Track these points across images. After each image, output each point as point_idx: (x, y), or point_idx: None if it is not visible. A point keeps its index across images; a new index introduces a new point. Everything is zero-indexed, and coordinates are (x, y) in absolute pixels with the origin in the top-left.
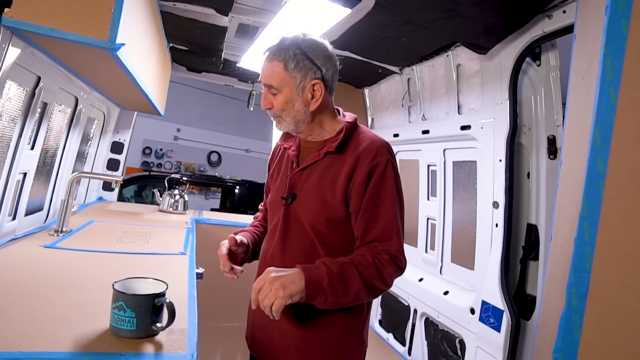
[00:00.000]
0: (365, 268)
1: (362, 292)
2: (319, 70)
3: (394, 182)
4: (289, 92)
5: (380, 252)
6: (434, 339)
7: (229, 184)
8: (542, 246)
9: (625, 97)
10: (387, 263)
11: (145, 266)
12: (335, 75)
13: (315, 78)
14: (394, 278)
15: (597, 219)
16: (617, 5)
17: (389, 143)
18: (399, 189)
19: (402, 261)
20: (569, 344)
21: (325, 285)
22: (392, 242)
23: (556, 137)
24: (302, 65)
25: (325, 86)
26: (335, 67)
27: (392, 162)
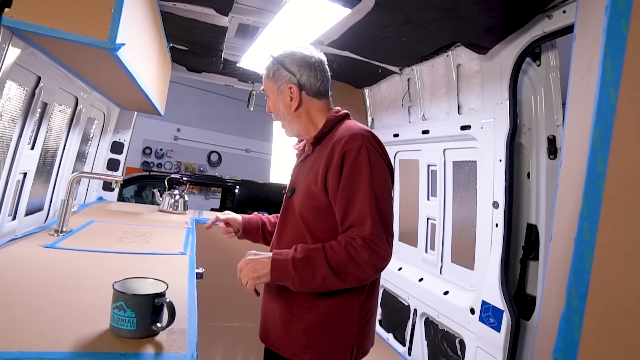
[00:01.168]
0: (336, 254)
1: (330, 277)
2: (293, 76)
3: (369, 166)
4: (274, 97)
5: (355, 237)
6: (434, 339)
7: (229, 184)
8: (542, 246)
9: (625, 97)
10: (360, 248)
11: (145, 266)
12: (313, 78)
13: (290, 83)
14: (374, 264)
15: (597, 219)
16: (617, 5)
17: (370, 132)
18: (375, 173)
19: (378, 245)
20: (569, 344)
21: (290, 269)
22: (366, 226)
23: (556, 137)
24: (278, 73)
25: (302, 88)
26: (313, 71)
27: (367, 147)
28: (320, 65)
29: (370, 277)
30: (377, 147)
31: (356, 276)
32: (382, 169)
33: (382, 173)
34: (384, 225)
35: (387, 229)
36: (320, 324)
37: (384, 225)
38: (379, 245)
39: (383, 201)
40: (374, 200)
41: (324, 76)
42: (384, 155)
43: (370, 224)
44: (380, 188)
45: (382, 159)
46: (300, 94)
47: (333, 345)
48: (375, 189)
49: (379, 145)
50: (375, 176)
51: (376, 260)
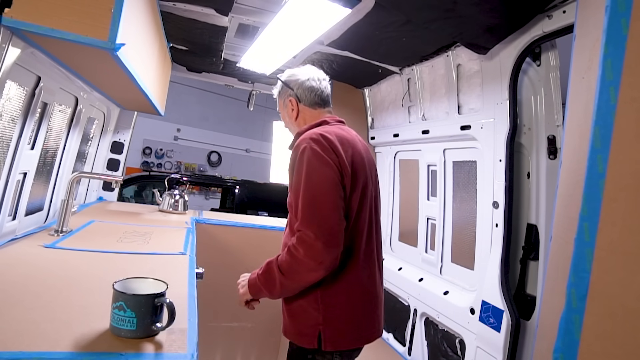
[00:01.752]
0: (282, 257)
1: (283, 280)
2: (292, 90)
3: (308, 165)
4: (281, 110)
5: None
6: (434, 339)
7: (229, 184)
8: (542, 246)
9: (625, 97)
10: (297, 243)
11: (145, 266)
12: (309, 89)
13: (289, 96)
14: (311, 256)
15: (597, 219)
16: (617, 5)
17: (319, 134)
18: (312, 171)
19: (307, 234)
20: (569, 344)
21: (259, 284)
22: (300, 219)
23: (556, 137)
24: (283, 90)
25: (300, 100)
26: (308, 86)
27: (310, 147)
28: (316, 82)
29: (315, 269)
30: (318, 147)
31: (302, 273)
32: (322, 166)
33: (321, 169)
34: (317, 217)
35: (320, 220)
36: (293, 312)
37: (317, 217)
38: (307, 234)
39: (320, 196)
40: (308, 197)
41: (320, 90)
42: (329, 152)
43: (300, 216)
44: (317, 184)
45: (325, 156)
46: (297, 105)
47: (303, 330)
48: (311, 186)
49: (322, 144)
50: (311, 174)
51: (311, 252)
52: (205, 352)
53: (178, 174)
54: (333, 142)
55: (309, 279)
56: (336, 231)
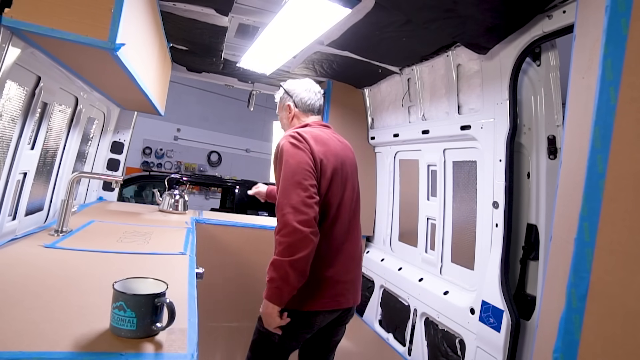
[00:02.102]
0: (275, 248)
1: (286, 263)
2: (291, 97)
3: (292, 154)
4: (280, 112)
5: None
6: (434, 339)
7: (229, 184)
8: (542, 246)
9: (625, 97)
10: (279, 225)
11: (145, 266)
12: (305, 98)
13: (288, 102)
14: (292, 229)
15: (597, 219)
16: (617, 5)
17: (296, 133)
18: (296, 160)
19: (282, 213)
20: (569, 344)
21: (274, 285)
22: (283, 209)
23: (556, 137)
24: (283, 96)
25: (296, 106)
26: (304, 96)
27: (287, 141)
28: (311, 94)
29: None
30: (293, 139)
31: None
32: (296, 151)
33: (296, 153)
34: (291, 190)
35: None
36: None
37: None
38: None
39: (295, 173)
40: (286, 173)
41: (313, 101)
42: (301, 142)
43: (278, 200)
44: (293, 164)
45: (298, 144)
46: (294, 110)
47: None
48: (288, 166)
49: (296, 138)
50: (288, 159)
51: (293, 226)
52: (205, 352)
53: (178, 174)
54: (305, 137)
55: (305, 245)
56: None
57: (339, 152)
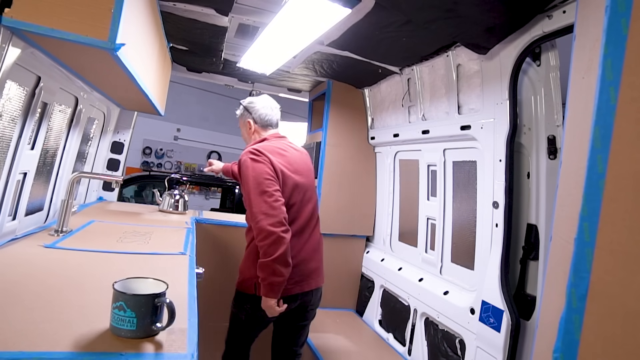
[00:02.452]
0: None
1: (270, 260)
2: (250, 114)
3: (250, 167)
4: (241, 127)
5: (255, 236)
6: (434, 339)
7: (229, 184)
8: (542, 246)
9: (625, 97)
10: (255, 232)
11: (145, 266)
12: (263, 114)
13: (248, 118)
14: (268, 232)
15: (597, 219)
16: (617, 5)
17: (254, 149)
18: (255, 173)
19: (256, 220)
20: (569, 344)
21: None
22: (256, 219)
23: (556, 137)
24: (243, 113)
25: (255, 122)
26: (262, 113)
27: (249, 158)
28: (269, 110)
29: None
30: (252, 155)
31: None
32: (256, 164)
33: (256, 165)
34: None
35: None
36: (241, 270)
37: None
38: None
39: (259, 183)
40: (256, 195)
41: (270, 116)
42: (260, 156)
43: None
44: (255, 176)
45: (258, 160)
46: (253, 125)
47: (245, 282)
48: (253, 177)
49: (254, 152)
50: (249, 172)
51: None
52: (205, 352)
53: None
54: (262, 151)
55: (281, 243)
56: (269, 205)
57: (296, 160)
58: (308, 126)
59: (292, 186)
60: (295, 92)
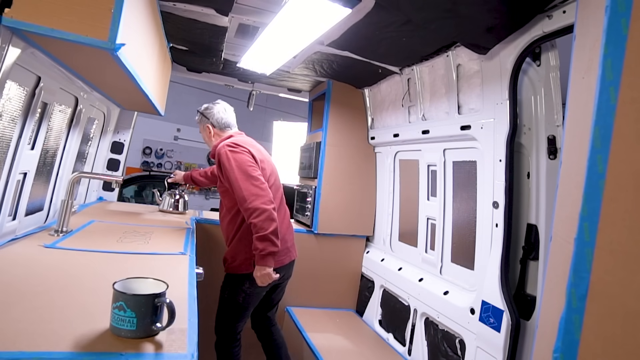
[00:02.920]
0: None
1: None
2: (207, 119)
3: (231, 157)
4: (202, 132)
5: (246, 215)
6: (434, 339)
7: None
8: (542, 246)
9: (625, 97)
10: (249, 212)
11: (145, 266)
12: (220, 118)
13: (206, 123)
14: (261, 209)
15: (597, 219)
16: (617, 5)
17: (231, 142)
18: (237, 162)
19: (248, 202)
20: (569, 344)
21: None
22: (248, 200)
23: (556, 137)
24: (202, 119)
25: (214, 126)
26: (218, 117)
27: (227, 150)
28: (223, 113)
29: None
30: (231, 147)
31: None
32: (236, 154)
33: (237, 156)
34: (244, 190)
35: (249, 187)
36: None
37: (244, 190)
38: (250, 207)
39: (243, 172)
40: (242, 179)
41: (225, 119)
42: (241, 149)
43: (244, 199)
44: (238, 165)
45: (237, 151)
46: (213, 129)
47: (243, 262)
48: (236, 167)
49: (233, 145)
50: (232, 162)
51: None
52: (205, 352)
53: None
54: (239, 142)
55: (273, 218)
56: (258, 187)
57: (265, 152)
58: (308, 126)
59: (269, 172)
60: (295, 92)
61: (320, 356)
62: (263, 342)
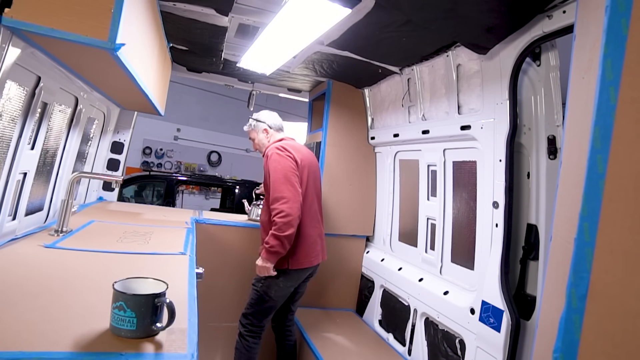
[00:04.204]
0: (275, 226)
1: (283, 236)
2: (264, 123)
3: (278, 160)
4: (256, 135)
5: (273, 213)
6: (434, 339)
7: (229, 184)
8: (542, 246)
9: (625, 97)
10: (275, 211)
11: (145, 266)
12: (274, 122)
13: (264, 126)
14: (286, 213)
15: (597, 219)
16: (617, 5)
17: (281, 145)
18: (282, 165)
19: (279, 203)
20: (569, 344)
21: (274, 249)
22: (279, 201)
23: (556, 137)
24: (257, 124)
25: (270, 127)
26: (271, 120)
27: (276, 153)
28: (276, 118)
29: (281, 223)
30: (278, 150)
31: (287, 225)
32: (282, 159)
33: (282, 161)
34: (283, 189)
35: (284, 191)
36: None
37: (283, 189)
38: (279, 211)
39: (284, 177)
40: (282, 182)
41: (278, 122)
42: (286, 154)
43: (277, 199)
44: (281, 170)
45: (285, 156)
46: (269, 130)
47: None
48: (278, 170)
49: (280, 149)
50: (276, 166)
51: (286, 219)
52: (205, 352)
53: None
54: (287, 147)
55: (294, 224)
56: (292, 192)
57: (309, 157)
58: (308, 126)
59: (307, 176)
60: (295, 92)
61: (320, 356)
62: (279, 342)
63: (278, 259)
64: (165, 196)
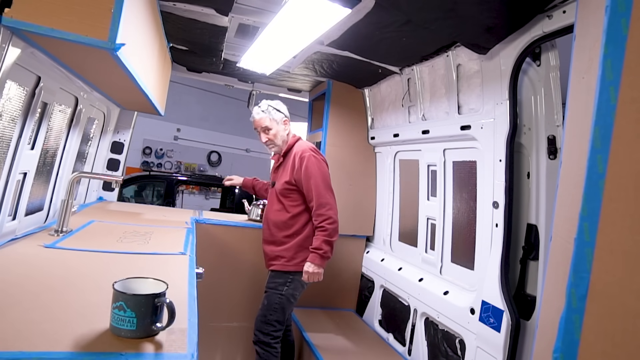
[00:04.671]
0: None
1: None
2: (283, 114)
3: (317, 166)
4: (276, 126)
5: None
6: (434, 339)
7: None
8: (542, 246)
9: (625, 97)
10: (323, 217)
11: (145, 266)
12: (287, 114)
13: (284, 117)
14: (334, 220)
15: (597, 219)
16: (617, 5)
17: (313, 147)
18: (322, 171)
19: (326, 208)
20: (569, 344)
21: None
22: (326, 207)
23: (556, 137)
24: (277, 115)
25: (289, 119)
26: (285, 111)
27: (313, 155)
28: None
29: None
30: (316, 154)
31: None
32: (322, 165)
33: (322, 167)
34: (329, 196)
35: (330, 197)
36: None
37: (329, 196)
38: (327, 214)
39: (327, 182)
40: (324, 186)
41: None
42: (321, 158)
43: (321, 198)
44: (323, 175)
45: (321, 160)
46: (289, 122)
47: (305, 258)
48: (322, 177)
49: (318, 152)
50: (318, 171)
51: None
52: (205, 352)
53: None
54: (319, 151)
55: (338, 230)
56: (334, 199)
57: None
58: (308, 126)
59: None
60: (295, 92)
61: (320, 356)
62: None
63: (327, 261)
64: (165, 196)
